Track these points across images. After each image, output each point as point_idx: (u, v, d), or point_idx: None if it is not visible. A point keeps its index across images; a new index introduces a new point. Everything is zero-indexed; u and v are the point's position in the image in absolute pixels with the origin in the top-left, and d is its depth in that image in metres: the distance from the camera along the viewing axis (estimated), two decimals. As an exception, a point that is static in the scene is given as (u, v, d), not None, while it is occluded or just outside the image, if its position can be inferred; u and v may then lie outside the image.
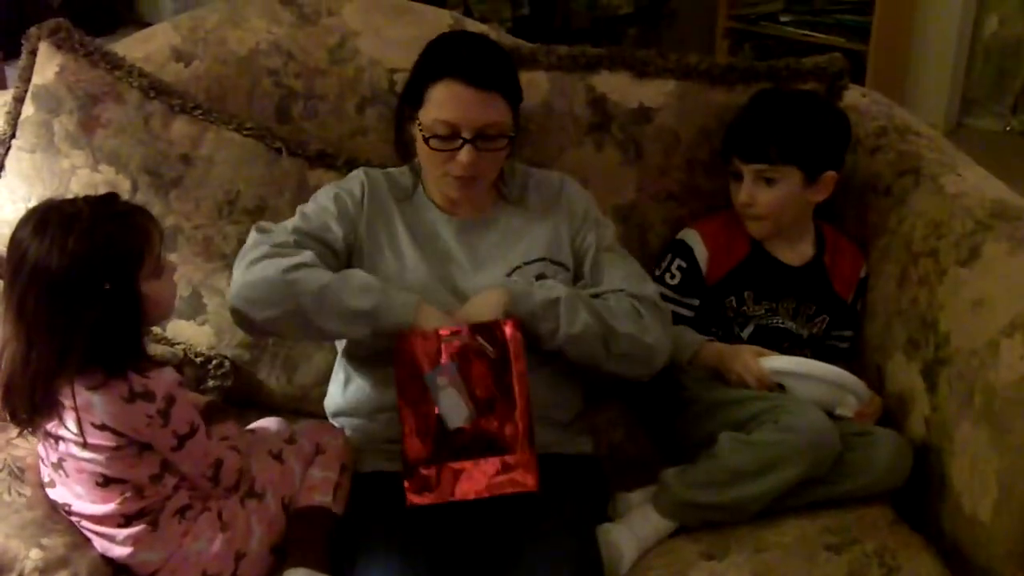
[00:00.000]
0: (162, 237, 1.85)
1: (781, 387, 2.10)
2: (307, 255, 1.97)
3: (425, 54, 2.06)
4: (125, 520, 1.81)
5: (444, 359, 1.87)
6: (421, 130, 2.00)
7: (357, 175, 2.16)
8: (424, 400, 1.88)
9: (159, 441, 1.76)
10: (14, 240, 1.76)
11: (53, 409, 1.76)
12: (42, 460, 1.86)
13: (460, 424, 1.88)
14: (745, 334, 2.26)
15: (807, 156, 2.20)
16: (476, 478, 1.88)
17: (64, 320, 1.71)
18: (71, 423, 1.76)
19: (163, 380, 1.75)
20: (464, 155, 1.96)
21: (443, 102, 1.97)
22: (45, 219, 1.75)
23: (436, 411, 1.88)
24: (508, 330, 1.88)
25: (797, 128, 2.21)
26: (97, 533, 1.83)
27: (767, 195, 2.21)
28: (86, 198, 1.82)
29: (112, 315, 1.73)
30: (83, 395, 1.73)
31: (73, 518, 1.85)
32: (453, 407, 1.87)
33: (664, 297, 2.23)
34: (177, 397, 1.76)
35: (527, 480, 1.88)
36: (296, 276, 1.93)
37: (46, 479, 1.87)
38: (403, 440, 1.89)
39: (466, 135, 1.96)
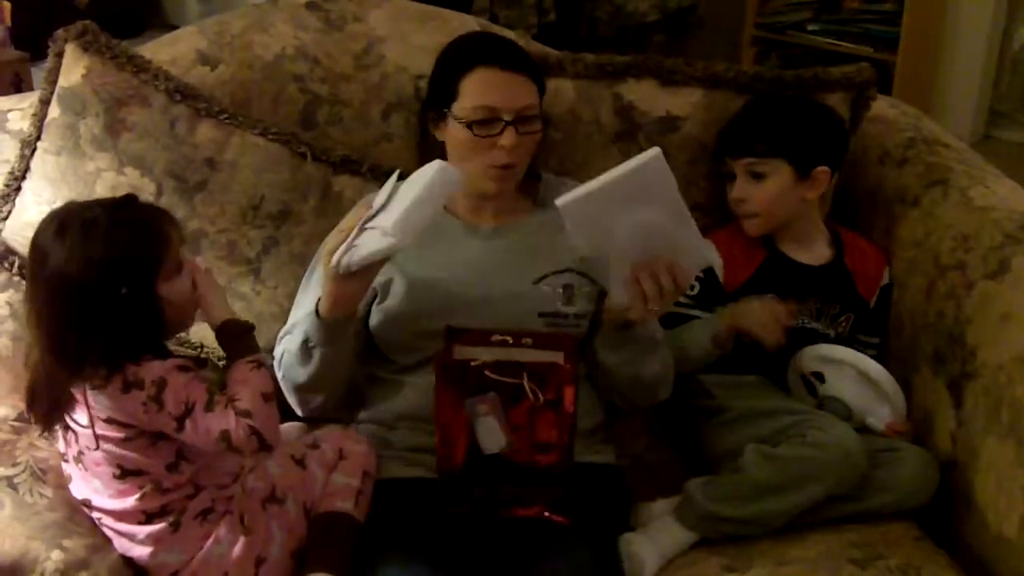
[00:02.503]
0: (181, 237, 1.87)
1: (817, 378, 2.09)
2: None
3: (449, 53, 2.10)
4: (146, 517, 1.81)
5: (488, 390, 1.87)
6: (460, 121, 2.02)
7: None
8: (462, 423, 1.87)
9: (162, 426, 1.77)
10: (35, 245, 1.79)
11: (68, 404, 1.79)
12: (63, 456, 1.87)
13: (495, 451, 1.88)
14: None
15: (794, 148, 2.20)
16: (508, 502, 1.91)
17: (81, 326, 1.74)
18: (82, 416, 1.78)
19: (154, 367, 1.76)
20: (507, 138, 1.99)
21: (481, 89, 2.01)
22: (63, 225, 1.77)
23: (472, 436, 1.88)
24: (569, 367, 1.87)
25: (782, 121, 2.23)
26: (118, 531, 1.84)
27: (758, 191, 2.21)
28: (103, 203, 1.84)
29: (129, 319, 1.75)
30: (88, 391, 1.76)
31: (95, 515, 1.86)
32: (491, 435, 1.87)
33: (683, 306, 2.22)
34: (168, 380, 1.76)
35: (560, 517, 1.90)
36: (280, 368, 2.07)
37: (67, 475, 1.88)
38: (437, 456, 1.90)
39: (507, 117, 1.99)
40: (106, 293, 1.73)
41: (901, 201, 2.32)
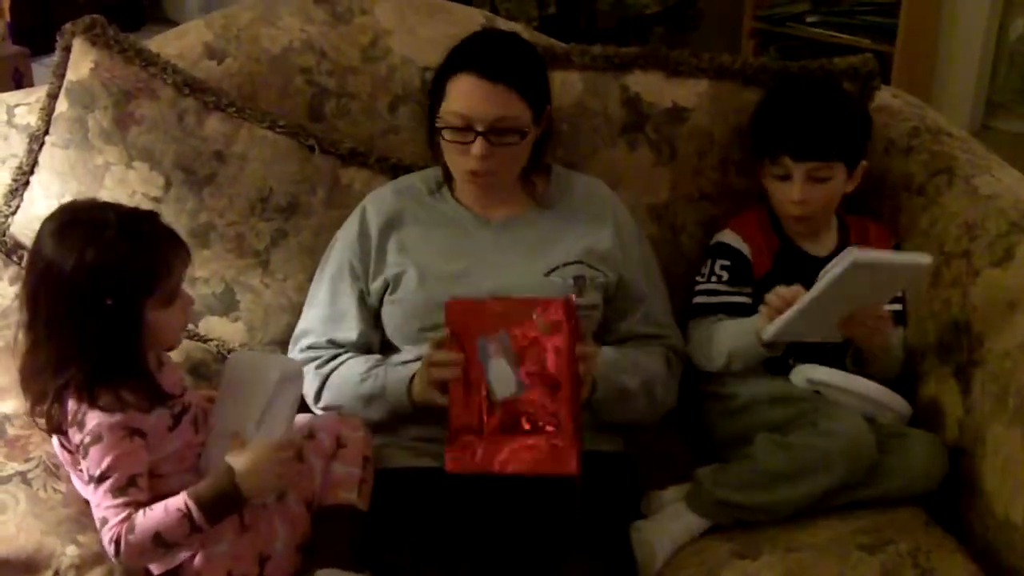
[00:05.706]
0: (186, 266, 1.83)
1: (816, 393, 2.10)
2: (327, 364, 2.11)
3: (449, 52, 2.08)
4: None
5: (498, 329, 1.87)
6: (439, 124, 2.03)
7: (355, 215, 2.18)
8: (473, 369, 1.87)
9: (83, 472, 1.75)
10: (39, 233, 1.77)
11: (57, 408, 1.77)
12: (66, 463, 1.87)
13: (507, 395, 1.86)
14: None
15: (853, 150, 2.19)
16: (519, 454, 1.86)
17: (66, 325, 1.71)
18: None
19: (99, 417, 1.71)
20: (476, 148, 1.99)
21: (458, 95, 2.01)
22: (73, 220, 1.76)
23: (485, 382, 1.86)
24: (568, 308, 1.87)
25: (846, 123, 2.19)
26: None
27: (820, 192, 2.17)
28: (119, 208, 1.82)
29: (108, 333, 1.72)
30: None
31: None
32: (501, 377, 1.86)
33: (717, 293, 2.22)
34: (104, 437, 1.71)
35: (570, 462, 1.84)
36: (328, 385, 2.10)
37: (74, 479, 1.87)
38: (449, 407, 1.88)
39: (479, 128, 1.98)
40: (91, 300, 1.70)
41: (906, 189, 2.33)
